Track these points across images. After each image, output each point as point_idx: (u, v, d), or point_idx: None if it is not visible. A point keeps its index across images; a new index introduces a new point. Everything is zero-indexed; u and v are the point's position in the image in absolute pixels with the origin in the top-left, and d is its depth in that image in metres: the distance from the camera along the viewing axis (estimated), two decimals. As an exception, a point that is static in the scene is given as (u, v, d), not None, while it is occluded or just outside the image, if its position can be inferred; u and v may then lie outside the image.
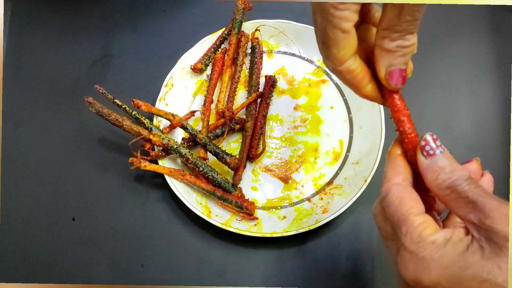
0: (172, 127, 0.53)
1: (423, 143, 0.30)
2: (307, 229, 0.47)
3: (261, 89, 0.56)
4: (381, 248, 0.49)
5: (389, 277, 0.48)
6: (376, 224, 0.33)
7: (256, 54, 0.56)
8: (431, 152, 0.30)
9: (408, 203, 0.29)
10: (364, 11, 0.33)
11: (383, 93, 0.33)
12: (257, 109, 0.55)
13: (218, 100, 0.55)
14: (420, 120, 0.55)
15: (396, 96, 0.32)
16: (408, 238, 0.28)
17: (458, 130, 0.54)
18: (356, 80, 0.33)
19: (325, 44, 0.31)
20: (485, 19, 0.60)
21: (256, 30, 0.57)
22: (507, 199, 0.28)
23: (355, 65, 0.32)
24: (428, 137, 0.30)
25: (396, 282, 0.31)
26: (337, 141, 0.54)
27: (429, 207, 0.33)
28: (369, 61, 0.33)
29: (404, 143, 0.32)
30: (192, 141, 0.52)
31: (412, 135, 0.32)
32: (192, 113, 0.54)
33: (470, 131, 0.54)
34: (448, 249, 0.27)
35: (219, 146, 0.52)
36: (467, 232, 0.28)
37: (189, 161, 0.50)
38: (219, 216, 0.49)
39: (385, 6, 0.30)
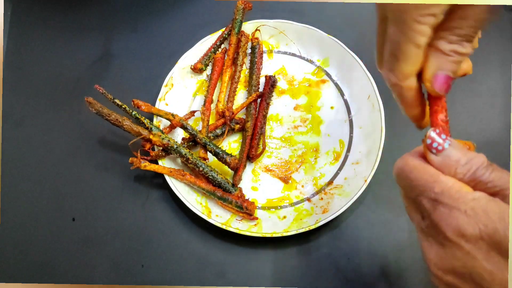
0: (172, 127, 0.53)
1: (428, 141, 0.29)
2: (307, 229, 0.47)
3: (261, 89, 0.56)
4: (381, 248, 0.49)
5: (389, 277, 0.48)
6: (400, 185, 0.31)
7: (256, 54, 0.56)
8: (439, 148, 0.28)
9: (431, 168, 0.28)
10: None
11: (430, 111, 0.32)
12: (257, 109, 0.55)
13: (218, 100, 0.55)
14: (420, 120, 0.55)
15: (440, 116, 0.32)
16: (446, 196, 0.27)
17: (459, 130, 0.54)
18: (413, 99, 0.33)
19: (395, 57, 0.31)
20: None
21: (256, 30, 0.57)
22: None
23: (416, 83, 0.32)
24: (432, 133, 0.29)
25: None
26: (337, 141, 0.54)
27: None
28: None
29: None
30: (192, 141, 0.52)
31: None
32: (192, 113, 0.54)
33: (471, 131, 0.54)
34: (491, 205, 0.26)
35: (219, 146, 0.52)
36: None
37: (189, 161, 0.50)
38: (219, 216, 0.49)
39: (451, 9, 0.29)
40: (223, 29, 0.58)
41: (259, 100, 0.56)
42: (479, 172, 0.27)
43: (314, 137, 0.54)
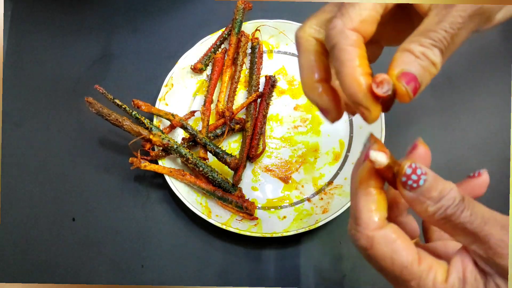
0: (172, 127, 0.53)
1: (403, 179, 0.26)
2: (307, 229, 0.47)
3: (261, 89, 0.56)
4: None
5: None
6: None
7: (256, 54, 0.56)
8: (414, 185, 0.25)
9: (403, 249, 0.26)
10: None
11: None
12: (257, 109, 0.55)
13: (218, 100, 0.55)
14: (420, 120, 0.55)
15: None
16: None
17: (459, 129, 0.54)
18: (356, 59, 0.27)
19: (352, 3, 0.28)
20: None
21: (256, 30, 0.57)
22: (507, 199, 0.27)
23: (364, 48, 0.28)
24: (408, 171, 0.25)
25: None
26: (337, 141, 0.54)
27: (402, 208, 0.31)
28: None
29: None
30: (192, 141, 0.52)
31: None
32: (192, 113, 0.54)
33: (471, 130, 0.54)
34: None
35: (219, 146, 0.52)
36: (475, 263, 0.25)
37: (189, 161, 0.50)
38: (219, 216, 0.49)
39: (429, 11, 0.28)
40: (223, 29, 0.58)
41: (259, 100, 0.56)
42: (449, 211, 0.25)
43: (314, 137, 0.54)
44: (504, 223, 0.25)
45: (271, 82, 0.55)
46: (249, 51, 0.58)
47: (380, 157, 0.26)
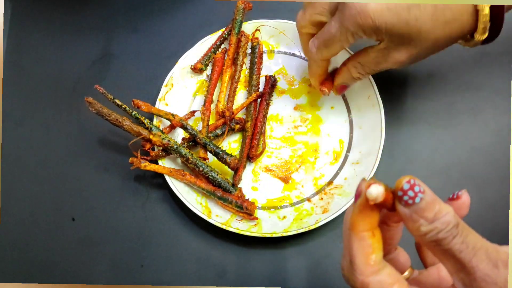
0: (172, 127, 0.53)
1: (400, 193, 0.25)
2: (307, 229, 0.47)
3: (261, 89, 0.56)
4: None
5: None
6: None
7: (256, 54, 0.56)
8: (410, 202, 0.25)
9: None
10: None
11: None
12: (257, 109, 0.55)
13: (218, 100, 0.55)
14: (421, 120, 0.55)
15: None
16: None
17: (459, 129, 0.54)
18: (318, 72, 0.49)
19: (324, 45, 0.45)
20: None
21: (256, 30, 0.57)
22: (507, 199, 0.27)
23: (326, 63, 0.49)
24: (405, 186, 0.25)
25: None
26: (337, 141, 0.54)
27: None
28: None
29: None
30: (192, 141, 0.52)
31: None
32: (192, 113, 0.54)
33: (471, 130, 0.54)
34: None
35: (219, 146, 0.52)
36: None
37: (189, 161, 0.50)
38: (219, 216, 0.49)
39: (371, 49, 0.43)
40: (223, 29, 0.58)
41: (259, 100, 0.56)
42: (441, 235, 0.25)
43: (314, 137, 0.54)
44: (494, 256, 0.24)
45: (271, 82, 0.55)
46: (249, 51, 0.58)
47: (375, 188, 0.26)
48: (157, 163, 0.51)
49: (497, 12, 0.38)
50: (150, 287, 0.49)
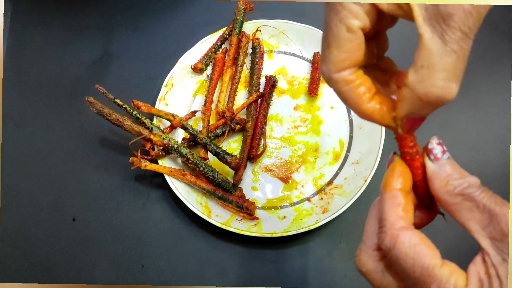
0: (172, 128, 0.53)
1: (430, 146, 0.28)
2: (307, 229, 0.47)
3: (261, 89, 0.56)
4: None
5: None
6: (371, 282, 0.28)
7: (256, 55, 0.56)
8: (438, 156, 0.27)
9: (426, 252, 0.26)
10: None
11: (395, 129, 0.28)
12: (258, 109, 0.55)
13: (218, 100, 0.55)
14: (420, 120, 0.55)
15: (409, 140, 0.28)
16: None
17: (459, 129, 0.54)
18: (353, 94, 0.27)
19: (326, 42, 0.26)
20: (486, 19, 0.60)
21: (257, 30, 0.57)
22: (507, 199, 0.27)
23: (353, 77, 0.27)
24: (436, 141, 0.28)
25: None
26: (337, 141, 0.54)
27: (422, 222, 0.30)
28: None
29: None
30: (193, 141, 0.52)
31: (419, 158, 0.28)
32: (193, 113, 0.54)
33: (471, 130, 0.54)
34: None
35: (220, 146, 0.52)
36: (484, 260, 0.25)
37: (190, 161, 0.50)
38: (219, 216, 0.49)
39: (420, 38, 0.24)
40: (224, 29, 0.58)
41: (259, 100, 0.56)
42: (470, 189, 0.26)
43: (314, 137, 0.54)
44: None
45: (271, 82, 0.55)
46: (249, 51, 0.58)
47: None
48: (157, 163, 0.51)
49: None
50: (151, 287, 0.49)
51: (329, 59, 0.26)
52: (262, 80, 0.57)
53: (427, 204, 0.29)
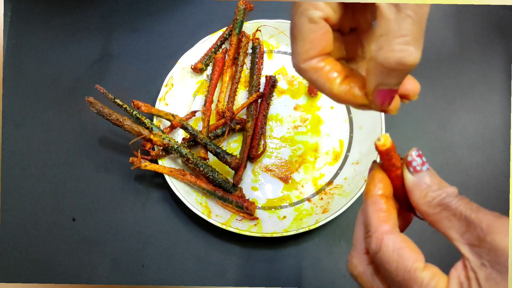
0: (172, 128, 0.53)
1: (409, 158, 0.28)
2: (307, 229, 0.47)
3: (261, 89, 0.56)
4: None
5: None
6: (361, 285, 0.29)
7: (256, 55, 0.56)
8: (418, 168, 0.28)
9: (409, 255, 0.26)
10: (359, 23, 0.30)
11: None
12: (258, 109, 0.55)
13: (218, 100, 0.55)
14: (420, 118, 0.55)
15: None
16: None
17: (458, 128, 0.54)
18: (323, 79, 0.28)
19: (292, 36, 0.27)
20: (485, 18, 0.60)
21: (257, 30, 0.57)
22: (507, 199, 0.27)
23: (323, 64, 0.28)
24: (415, 152, 0.28)
25: None
26: (337, 141, 0.54)
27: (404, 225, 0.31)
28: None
29: (390, 177, 0.29)
30: (193, 141, 0.52)
31: (399, 168, 0.29)
32: (193, 113, 0.54)
33: (470, 129, 0.54)
34: None
35: (220, 146, 0.52)
36: (464, 265, 0.26)
37: (190, 161, 0.50)
38: (219, 216, 0.49)
39: (381, 8, 0.25)
40: (224, 29, 0.58)
41: (259, 100, 0.56)
42: (448, 199, 0.26)
43: (314, 137, 0.54)
44: (497, 214, 0.26)
45: (271, 82, 0.55)
46: (249, 51, 0.58)
47: (383, 138, 0.28)
48: (157, 163, 0.51)
49: None
50: (151, 287, 0.49)
51: (295, 51, 0.27)
52: (262, 80, 0.57)
53: (407, 208, 0.30)
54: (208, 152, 0.52)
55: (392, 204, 0.29)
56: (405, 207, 0.30)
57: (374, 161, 0.30)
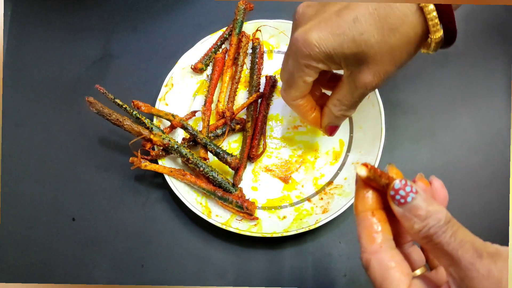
0: (172, 128, 0.53)
1: (392, 192, 0.27)
2: (307, 229, 0.47)
3: (261, 89, 0.56)
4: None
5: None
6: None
7: (257, 55, 0.56)
8: (402, 201, 0.27)
9: (392, 276, 0.27)
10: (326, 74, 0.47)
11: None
12: (258, 109, 0.55)
13: (218, 100, 0.55)
14: (420, 120, 0.55)
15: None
16: None
17: (458, 130, 0.54)
18: (302, 111, 0.46)
19: (288, 84, 0.43)
20: (486, 20, 0.60)
21: (257, 30, 0.57)
22: (508, 198, 0.27)
23: (302, 102, 0.44)
24: (397, 185, 0.27)
25: None
26: (337, 141, 0.54)
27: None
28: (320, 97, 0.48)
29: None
30: (193, 141, 0.52)
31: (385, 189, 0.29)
32: (193, 113, 0.54)
33: (470, 131, 0.54)
34: None
35: (220, 146, 0.52)
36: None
37: (190, 161, 0.50)
38: (219, 216, 0.49)
39: (342, 81, 0.41)
40: (224, 29, 0.58)
41: (259, 100, 0.56)
42: (432, 231, 0.26)
43: (314, 137, 0.54)
44: (479, 248, 0.26)
45: (271, 82, 0.55)
46: (249, 51, 0.58)
47: (360, 169, 0.28)
48: (157, 163, 0.51)
49: (443, 8, 0.35)
50: (151, 287, 0.49)
51: (287, 93, 0.44)
52: (262, 80, 0.57)
53: None
54: (208, 152, 0.52)
55: (381, 216, 0.29)
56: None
57: (357, 174, 0.29)
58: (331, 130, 0.47)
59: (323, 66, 0.39)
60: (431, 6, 0.35)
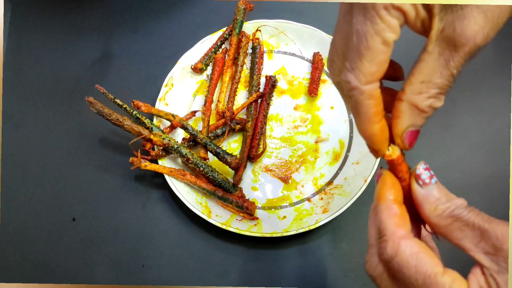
0: (172, 128, 0.53)
1: (418, 171, 0.28)
2: (307, 229, 0.47)
3: (261, 89, 0.56)
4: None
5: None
6: (379, 286, 0.29)
7: (256, 55, 0.56)
8: (427, 181, 0.28)
9: (427, 260, 0.26)
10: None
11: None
12: (258, 109, 0.55)
13: (218, 100, 0.55)
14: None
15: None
16: None
17: (459, 129, 0.54)
18: (372, 110, 0.28)
19: (358, 53, 0.26)
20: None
21: (257, 30, 0.57)
22: (507, 199, 0.27)
23: (378, 92, 0.27)
24: (423, 166, 0.29)
25: None
26: (337, 141, 0.54)
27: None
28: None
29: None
30: (193, 141, 0.52)
31: (405, 180, 0.30)
32: (193, 113, 0.54)
33: (471, 130, 0.54)
34: None
35: (220, 146, 0.52)
36: (483, 271, 0.26)
37: (190, 161, 0.50)
38: (219, 216, 0.49)
39: (426, 51, 0.27)
40: (224, 29, 0.58)
41: (259, 100, 0.56)
42: (458, 211, 0.27)
43: (314, 137, 0.54)
44: (505, 222, 0.26)
45: (271, 82, 0.55)
46: (249, 51, 0.58)
47: (394, 149, 0.29)
48: (157, 163, 0.51)
49: None
50: (151, 287, 0.49)
51: (360, 70, 0.27)
52: (262, 80, 0.57)
53: (415, 219, 0.30)
54: (208, 152, 0.52)
55: (405, 209, 0.29)
56: (413, 218, 0.30)
57: (381, 167, 0.30)
58: (412, 137, 0.29)
59: (410, 9, 0.26)
60: None
